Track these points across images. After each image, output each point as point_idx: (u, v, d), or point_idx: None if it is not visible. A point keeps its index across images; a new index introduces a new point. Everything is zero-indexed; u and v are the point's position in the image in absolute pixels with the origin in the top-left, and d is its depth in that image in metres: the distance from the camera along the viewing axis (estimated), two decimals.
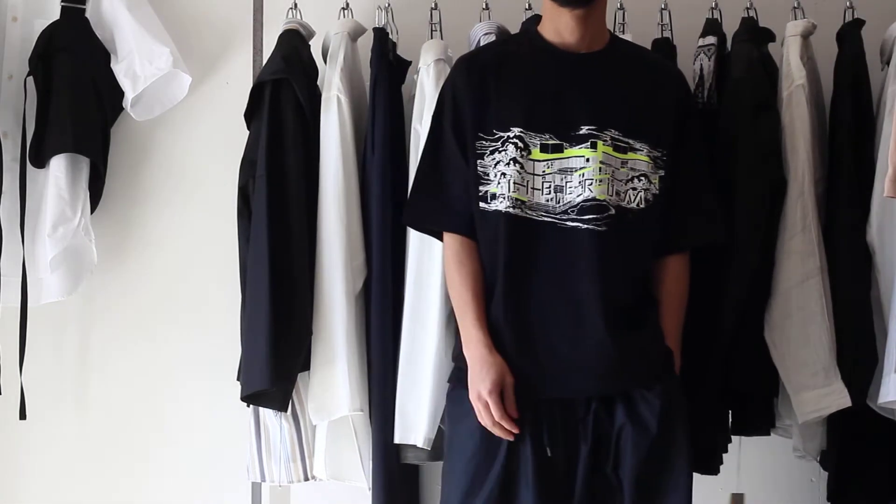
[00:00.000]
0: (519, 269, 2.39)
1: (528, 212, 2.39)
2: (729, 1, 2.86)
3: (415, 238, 2.71)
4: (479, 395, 2.37)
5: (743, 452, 2.92)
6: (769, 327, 2.67)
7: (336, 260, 2.76)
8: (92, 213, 3.04)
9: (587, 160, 2.39)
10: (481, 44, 2.77)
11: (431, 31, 2.93)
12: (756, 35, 2.78)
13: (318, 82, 2.90)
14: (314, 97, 2.84)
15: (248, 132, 2.87)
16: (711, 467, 2.77)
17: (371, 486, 2.77)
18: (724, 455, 2.81)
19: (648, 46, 2.83)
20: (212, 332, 3.10)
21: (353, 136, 2.82)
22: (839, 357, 2.63)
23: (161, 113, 3.12)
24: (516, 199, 2.39)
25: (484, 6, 2.90)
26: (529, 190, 2.39)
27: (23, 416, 3.01)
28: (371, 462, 2.78)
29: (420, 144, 2.65)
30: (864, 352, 2.65)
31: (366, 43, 2.90)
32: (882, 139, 2.66)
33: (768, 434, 2.80)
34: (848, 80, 2.73)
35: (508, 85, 2.45)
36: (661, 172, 2.44)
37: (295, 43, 2.88)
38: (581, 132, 2.40)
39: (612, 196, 2.39)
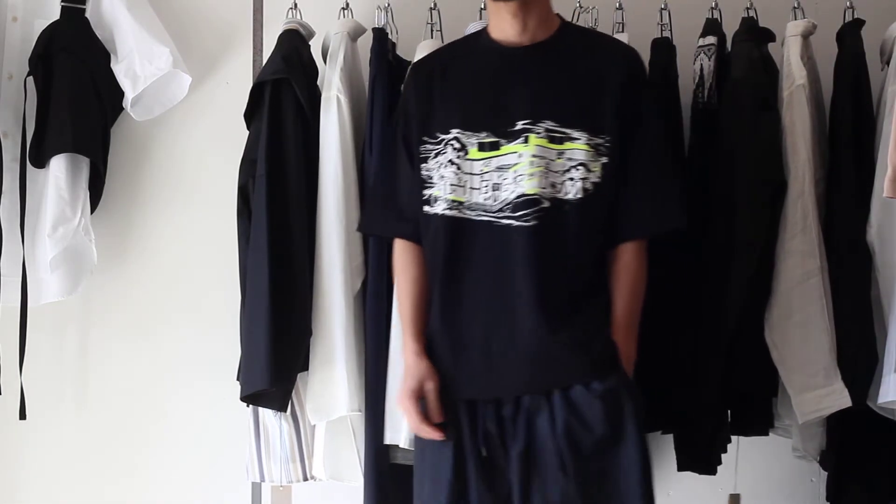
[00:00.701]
0: (456, 271, 2.39)
1: (467, 212, 2.38)
2: (729, 1, 2.86)
3: None
4: (398, 400, 2.43)
5: (742, 452, 2.92)
6: (769, 327, 2.66)
7: (335, 260, 2.76)
8: (92, 213, 3.04)
9: (519, 155, 2.36)
10: None
11: (431, 31, 2.93)
12: (756, 35, 2.77)
13: (318, 82, 2.90)
14: (314, 97, 2.84)
15: (248, 132, 2.87)
16: (710, 467, 2.77)
17: (363, 485, 2.77)
18: (723, 455, 2.81)
19: (648, 46, 2.83)
20: (212, 332, 3.10)
21: (353, 137, 2.82)
22: (839, 357, 2.63)
23: (161, 113, 3.12)
24: (454, 201, 2.38)
25: (483, 6, 2.90)
26: (468, 190, 2.38)
27: (23, 416, 3.01)
28: (364, 461, 2.78)
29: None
30: (864, 352, 2.65)
31: (366, 43, 2.90)
32: (882, 139, 2.65)
33: (767, 434, 2.80)
34: (848, 80, 2.72)
35: (451, 87, 2.46)
36: (604, 160, 2.37)
37: (295, 43, 2.88)
38: (516, 128, 2.37)
39: (545, 189, 2.34)
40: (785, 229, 2.67)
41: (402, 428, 2.65)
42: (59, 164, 2.95)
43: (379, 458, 2.75)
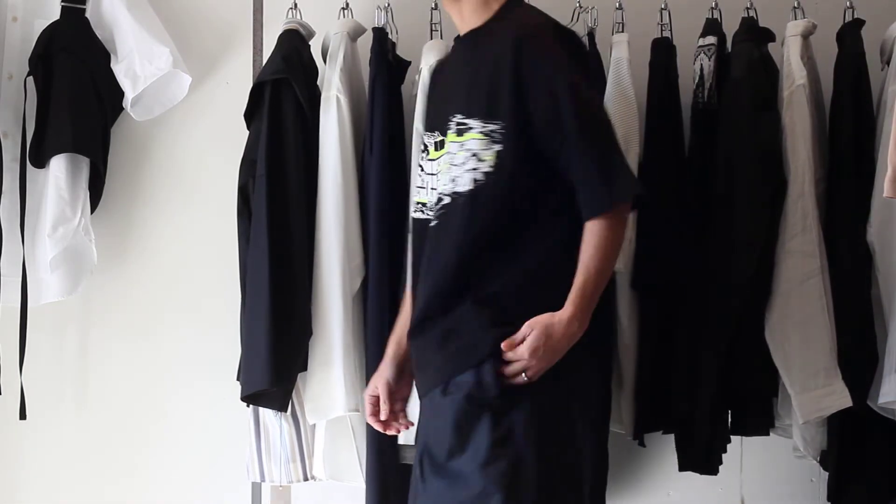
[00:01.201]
0: (416, 271, 2.37)
1: (428, 213, 2.34)
2: (729, 1, 2.86)
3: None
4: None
5: (743, 452, 2.92)
6: (769, 327, 2.66)
7: (334, 260, 2.76)
8: (92, 213, 3.04)
9: (448, 153, 2.30)
10: None
11: (431, 31, 2.93)
12: (756, 35, 2.77)
13: (318, 82, 2.90)
14: (314, 97, 2.84)
15: (248, 132, 2.87)
16: (711, 467, 2.77)
17: (365, 485, 2.77)
18: (724, 455, 2.81)
19: (648, 46, 2.83)
20: (212, 332, 3.10)
21: (353, 137, 2.82)
22: (839, 357, 2.63)
23: (161, 113, 3.12)
24: (418, 202, 2.38)
25: None
26: (428, 191, 2.35)
27: (23, 416, 3.01)
28: (366, 461, 2.78)
29: (421, 144, 2.65)
30: (864, 352, 2.65)
31: (366, 43, 2.90)
32: (882, 139, 2.66)
33: (768, 434, 2.80)
34: (848, 80, 2.73)
35: (435, 86, 2.46)
36: (497, 147, 2.22)
37: (295, 43, 2.88)
38: (450, 125, 2.30)
39: (447, 185, 2.27)
40: (785, 229, 2.67)
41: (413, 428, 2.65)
42: (59, 164, 2.95)
43: (381, 457, 2.75)
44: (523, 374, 2.17)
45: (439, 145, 2.33)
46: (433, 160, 2.34)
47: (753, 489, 2.99)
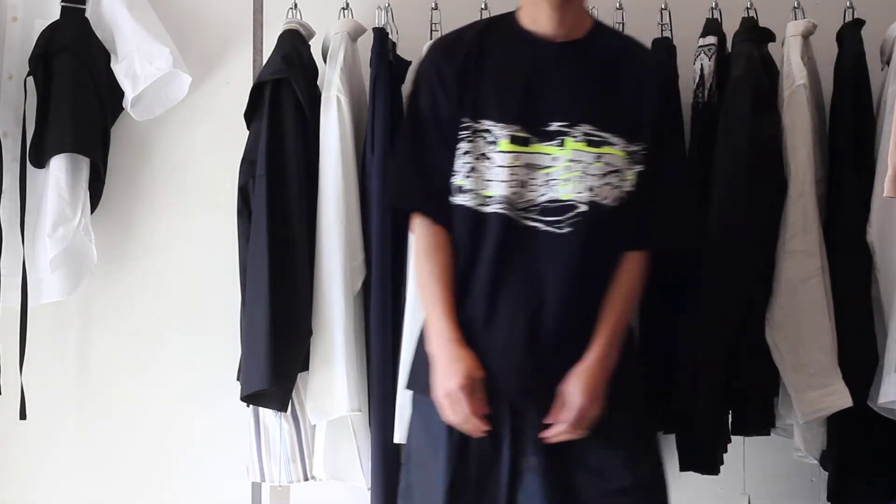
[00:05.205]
0: (477, 266, 2.30)
1: (494, 206, 2.29)
2: (729, 1, 2.86)
3: None
4: (447, 392, 2.26)
5: (744, 452, 2.92)
6: (770, 327, 2.67)
7: (335, 260, 2.76)
8: (92, 213, 3.03)
9: (553, 158, 2.29)
10: None
11: (431, 31, 2.93)
12: (756, 35, 2.78)
13: (318, 82, 2.90)
14: (314, 97, 2.84)
15: (248, 132, 2.87)
16: (712, 467, 2.77)
17: (370, 486, 2.77)
18: (725, 455, 2.81)
19: (648, 47, 2.83)
20: (212, 331, 3.10)
21: (353, 136, 2.82)
22: (839, 357, 2.63)
23: (161, 113, 3.12)
24: (480, 193, 2.30)
25: (483, 6, 2.91)
26: (496, 183, 2.29)
27: (23, 416, 3.01)
28: (370, 462, 2.78)
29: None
30: (865, 352, 2.66)
31: (366, 43, 2.90)
32: (882, 139, 2.66)
33: (768, 434, 2.80)
34: (848, 80, 2.73)
35: (486, 73, 2.34)
36: (639, 167, 2.31)
37: (295, 43, 2.88)
38: (550, 128, 2.30)
39: (581, 194, 2.27)
40: (785, 229, 2.67)
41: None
42: (59, 164, 2.95)
43: (387, 457, 2.74)
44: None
45: (522, 141, 2.29)
46: (510, 153, 2.28)
47: (753, 489, 2.99)
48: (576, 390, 2.25)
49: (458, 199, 2.32)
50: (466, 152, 2.31)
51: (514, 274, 2.29)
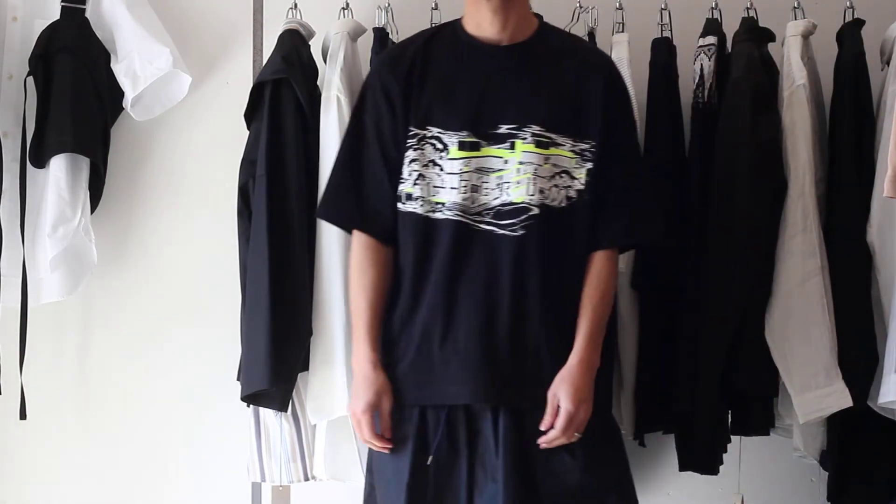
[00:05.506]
0: (427, 271, 2.32)
1: (446, 212, 2.31)
2: (729, 1, 2.86)
3: None
4: (352, 412, 2.34)
5: (743, 453, 2.92)
6: (770, 327, 2.67)
7: (335, 260, 2.76)
8: (92, 213, 3.03)
9: (505, 161, 2.31)
10: None
11: None
12: (756, 35, 2.78)
13: (318, 82, 2.90)
14: (314, 97, 2.84)
15: (248, 132, 2.87)
16: (712, 467, 2.77)
17: None
18: (724, 455, 2.81)
19: (648, 46, 2.83)
20: (212, 331, 3.10)
21: None
22: (839, 357, 2.63)
23: (161, 113, 3.12)
24: (430, 200, 2.32)
25: None
26: (447, 190, 2.31)
27: (23, 416, 3.01)
28: None
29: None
30: (865, 352, 2.65)
31: (366, 43, 2.90)
32: (882, 139, 2.66)
33: (768, 434, 2.80)
34: (848, 80, 2.73)
35: (431, 81, 2.36)
36: (589, 165, 2.32)
37: (295, 43, 2.88)
38: (500, 131, 2.32)
39: (533, 196, 2.29)
40: (785, 229, 2.67)
41: None
42: (59, 164, 2.95)
43: None
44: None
45: (471, 146, 2.32)
46: (459, 159, 2.31)
47: (753, 489, 2.99)
48: (563, 395, 2.27)
49: (408, 207, 2.34)
50: (413, 160, 2.34)
51: (470, 277, 2.30)
